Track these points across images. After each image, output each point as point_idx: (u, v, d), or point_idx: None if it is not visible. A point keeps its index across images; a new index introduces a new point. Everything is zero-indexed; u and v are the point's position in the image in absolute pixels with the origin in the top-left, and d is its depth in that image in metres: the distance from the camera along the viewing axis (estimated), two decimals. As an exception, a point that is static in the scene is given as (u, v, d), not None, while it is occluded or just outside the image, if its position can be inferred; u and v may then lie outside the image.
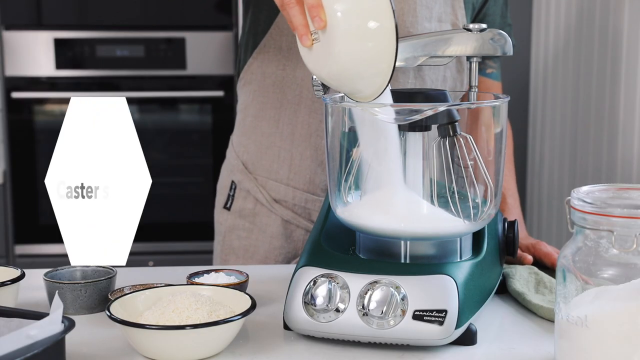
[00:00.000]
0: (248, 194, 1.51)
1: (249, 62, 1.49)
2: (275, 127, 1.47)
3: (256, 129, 1.50)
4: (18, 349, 0.84)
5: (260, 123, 1.49)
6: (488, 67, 1.55)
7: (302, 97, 1.45)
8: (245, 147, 1.52)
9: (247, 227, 1.51)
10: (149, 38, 3.14)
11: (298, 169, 1.47)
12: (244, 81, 1.52)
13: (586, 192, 0.91)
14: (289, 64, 1.44)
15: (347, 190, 1.11)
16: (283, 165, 1.48)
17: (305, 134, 1.45)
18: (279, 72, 1.45)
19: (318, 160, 1.46)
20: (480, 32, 1.18)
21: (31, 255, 3.12)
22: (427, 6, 1.41)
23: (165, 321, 0.99)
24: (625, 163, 2.31)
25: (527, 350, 1.03)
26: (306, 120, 1.45)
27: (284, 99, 1.46)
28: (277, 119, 1.47)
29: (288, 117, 1.46)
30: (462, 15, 1.44)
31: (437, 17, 1.42)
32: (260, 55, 1.47)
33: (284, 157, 1.47)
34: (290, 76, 1.45)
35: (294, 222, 1.48)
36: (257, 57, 1.47)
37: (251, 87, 1.50)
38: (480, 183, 1.09)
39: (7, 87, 3.11)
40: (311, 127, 1.45)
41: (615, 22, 2.35)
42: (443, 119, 1.06)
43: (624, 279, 0.86)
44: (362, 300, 1.01)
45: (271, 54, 1.45)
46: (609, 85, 2.39)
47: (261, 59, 1.47)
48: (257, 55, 1.47)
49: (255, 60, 1.48)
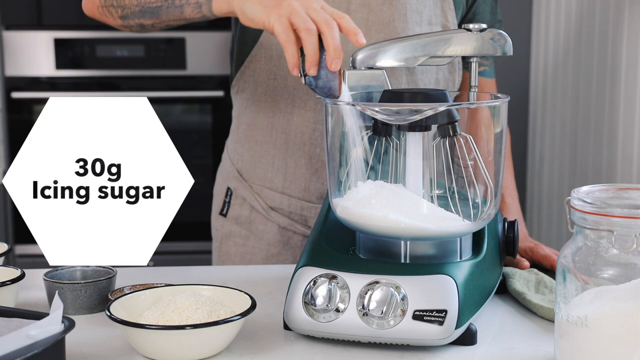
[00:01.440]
0: (244, 201, 1.51)
1: (240, 71, 1.49)
2: (269, 136, 1.47)
3: (250, 138, 1.50)
4: (18, 349, 0.84)
5: (254, 132, 1.49)
6: (480, 65, 1.55)
7: (294, 106, 1.44)
8: (240, 155, 1.52)
9: (243, 234, 1.51)
10: (149, 38, 3.14)
11: (293, 177, 1.47)
12: (237, 89, 1.52)
13: (586, 192, 0.91)
14: (280, 72, 1.44)
15: (347, 190, 1.11)
16: (278, 174, 1.47)
17: (299, 142, 1.45)
18: (270, 82, 1.45)
19: (313, 169, 1.46)
20: (480, 32, 1.18)
21: (31, 255, 3.12)
22: (417, 11, 1.41)
23: (165, 321, 0.99)
24: (625, 163, 2.31)
25: (527, 350, 1.03)
26: (299, 129, 1.45)
27: (276, 107, 1.46)
28: (270, 128, 1.47)
29: (281, 126, 1.46)
30: (452, 16, 1.44)
31: (427, 20, 1.42)
32: (252, 65, 1.46)
33: (278, 165, 1.47)
34: (282, 85, 1.44)
35: (291, 229, 1.48)
36: (249, 66, 1.47)
37: (244, 95, 1.50)
38: (480, 183, 1.09)
39: (7, 87, 3.11)
40: (304, 136, 1.45)
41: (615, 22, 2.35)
42: (443, 119, 1.06)
43: (624, 279, 0.86)
44: (362, 300, 1.01)
45: (262, 63, 1.45)
46: (609, 85, 2.39)
47: (252, 67, 1.47)
48: (248, 64, 1.47)
49: (247, 69, 1.47)
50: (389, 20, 1.39)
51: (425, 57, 1.20)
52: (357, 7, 1.39)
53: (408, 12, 1.40)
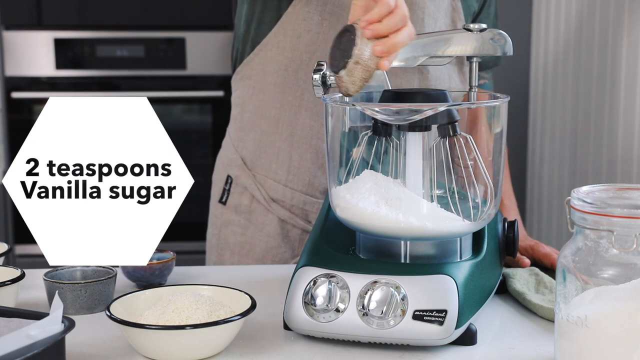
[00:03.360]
0: (245, 190, 1.50)
1: (249, 57, 1.48)
2: (275, 127, 1.47)
3: (255, 127, 1.49)
4: (18, 349, 0.84)
5: (259, 121, 1.48)
6: (480, 78, 1.55)
7: (303, 99, 1.44)
8: (244, 142, 1.51)
9: (242, 224, 1.50)
10: (149, 38, 3.14)
11: (297, 170, 1.46)
12: (242, 75, 1.51)
13: (586, 192, 0.91)
14: (292, 65, 1.43)
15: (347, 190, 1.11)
16: (282, 165, 1.47)
17: (306, 136, 1.45)
18: (280, 72, 1.44)
19: (318, 163, 1.46)
20: (480, 32, 1.18)
21: (31, 255, 3.12)
22: (433, 17, 1.42)
23: (165, 321, 0.99)
24: (626, 163, 2.31)
25: (527, 350, 1.03)
26: (307, 123, 1.44)
27: (284, 99, 1.45)
28: (276, 119, 1.47)
29: (288, 118, 1.46)
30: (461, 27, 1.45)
31: (440, 28, 1.43)
32: (262, 52, 1.46)
33: (283, 158, 1.47)
34: (292, 77, 1.44)
35: (291, 222, 1.47)
36: (259, 54, 1.46)
37: (250, 83, 1.49)
38: (480, 183, 1.09)
39: (7, 87, 3.11)
40: (312, 130, 1.45)
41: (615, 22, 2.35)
42: (443, 119, 1.06)
43: (624, 279, 0.86)
44: (362, 300, 1.01)
45: (274, 53, 1.44)
46: (609, 84, 2.39)
47: (263, 56, 1.46)
48: (258, 52, 1.46)
49: (257, 56, 1.47)
50: None
51: (426, 57, 1.20)
52: None
53: (425, 16, 1.40)
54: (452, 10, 1.44)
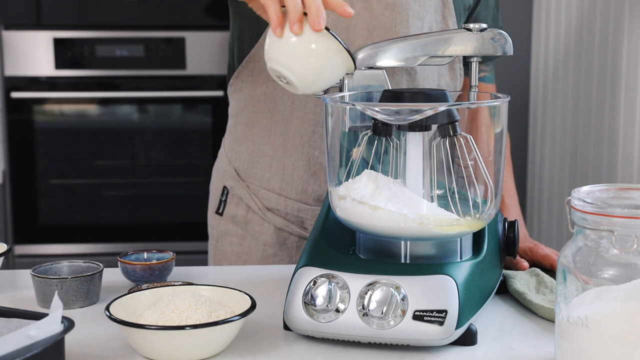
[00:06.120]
0: (240, 200, 1.50)
1: (238, 70, 1.48)
2: (267, 137, 1.47)
3: (247, 138, 1.49)
4: (18, 349, 0.84)
5: (252, 132, 1.49)
6: (481, 71, 1.54)
7: (293, 108, 1.44)
8: (237, 153, 1.51)
9: (239, 234, 1.50)
10: (148, 38, 3.14)
11: (290, 179, 1.46)
12: (234, 87, 1.51)
13: (586, 192, 0.91)
14: None
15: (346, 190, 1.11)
16: (275, 175, 1.47)
17: (298, 144, 1.45)
18: (269, 83, 1.44)
19: (311, 171, 1.45)
20: (480, 32, 1.18)
21: (31, 255, 3.12)
22: (419, 17, 1.41)
23: (165, 321, 0.99)
24: (626, 163, 2.31)
25: (527, 350, 1.03)
26: (298, 131, 1.44)
27: (275, 109, 1.45)
28: (268, 129, 1.47)
29: (280, 128, 1.46)
30: (452, 22, 1.44)
31: (429, 26, 1.42)
32: (250, 64, 1.46)
33: (275, 167, 1.47)
34: (282, 87, 1.44)
35: (287, 230, 1.47)
36: (247, 66, 1.46)
37: (242, 95, 1.50)
38: (481, 183, 1.09)
39: (6, 87, 3.11)
40: (304, 138, 1.44)
41: (616, 22, 2.35)
42: (443, 119, 1.06)
43: (625, 279, 0.86)
44: (362, 301, 1.01)
45: (261, 64, 1.44)
46: (610, 85, 2.39)
47: (251, 67, 1.46)
48: (246, 64, 1.46)
49: (245, 68, 1.47)
50: (391, 25, 1.39)
51: (426, 57, 1.20)
52: (359, 11, 1.39)
53: (410, 17, 1.40)
54: (442, 6, 1.43)
